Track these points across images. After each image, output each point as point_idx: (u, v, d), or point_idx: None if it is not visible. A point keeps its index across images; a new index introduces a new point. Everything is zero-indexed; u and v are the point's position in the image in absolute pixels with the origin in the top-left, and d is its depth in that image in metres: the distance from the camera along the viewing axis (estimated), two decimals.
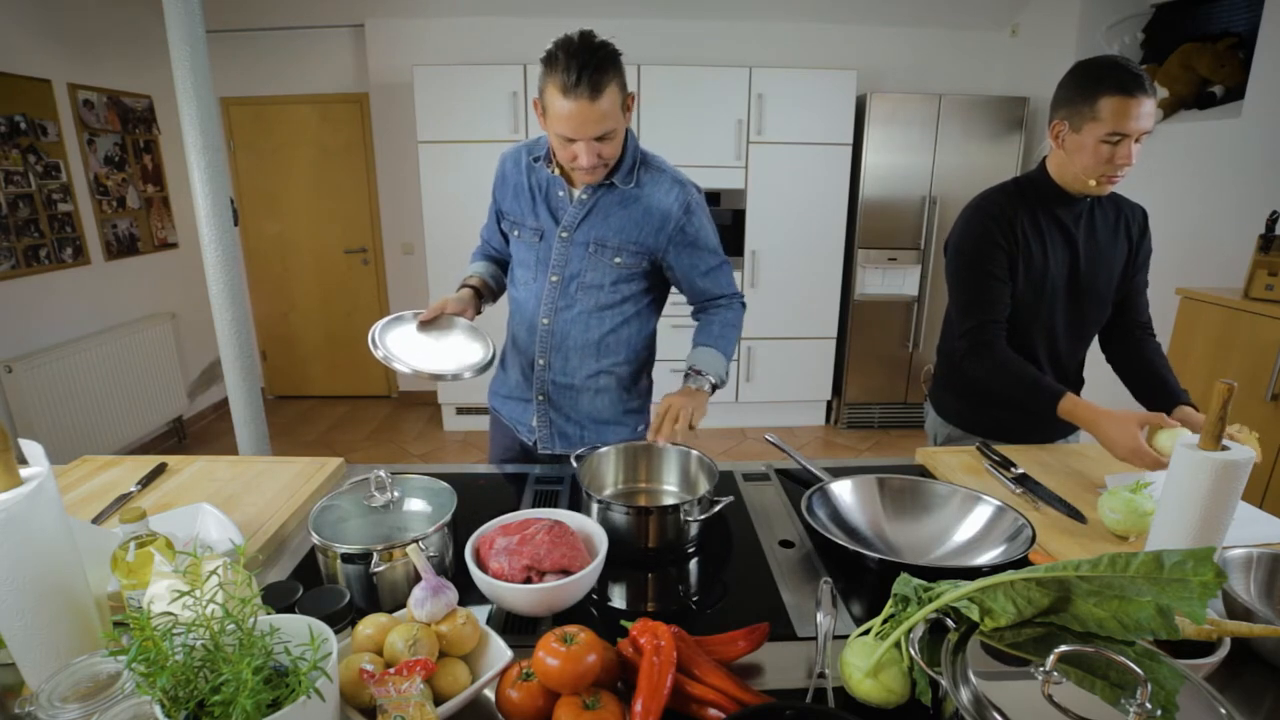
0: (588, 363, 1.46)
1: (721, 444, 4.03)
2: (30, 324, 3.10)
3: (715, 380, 1.41)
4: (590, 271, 1.39)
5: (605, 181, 1.35)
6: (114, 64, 3.59)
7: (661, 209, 1.37)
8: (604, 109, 1.18)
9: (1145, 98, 1.28)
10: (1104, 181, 1.37)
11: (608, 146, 1.25)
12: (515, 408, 1.55)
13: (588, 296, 1.41)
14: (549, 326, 1.43)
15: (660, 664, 0.71)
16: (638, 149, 1.38)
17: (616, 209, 1.37)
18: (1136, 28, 3.49)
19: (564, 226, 1.38)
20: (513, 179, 1.44)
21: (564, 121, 1.19)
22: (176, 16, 2.15)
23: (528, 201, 1.41)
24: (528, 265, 1.44)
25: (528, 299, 1.45)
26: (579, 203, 1.37)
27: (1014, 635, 0.68)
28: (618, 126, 1.24)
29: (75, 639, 0.74)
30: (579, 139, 1.21)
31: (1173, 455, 0.91)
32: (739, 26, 4.02)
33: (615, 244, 1.38)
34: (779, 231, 3.88)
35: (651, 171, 1.39)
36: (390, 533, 0.94)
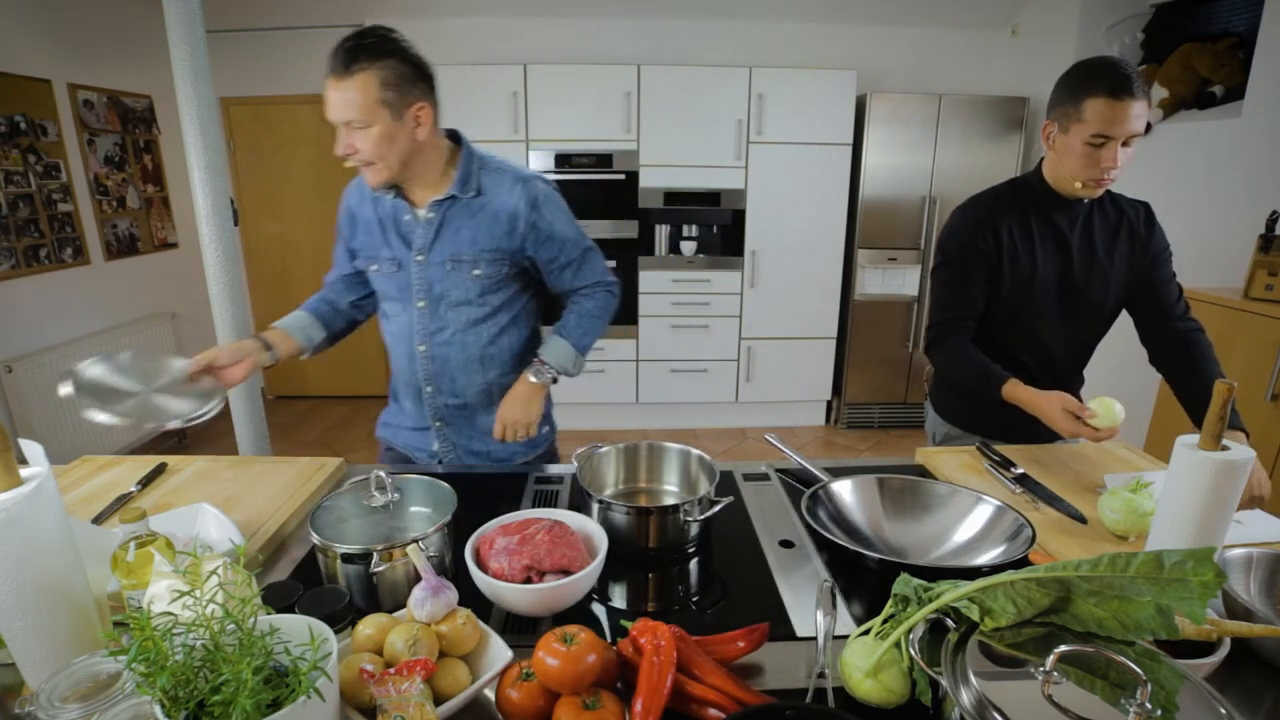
0: (474, 379, 1.44)
1: (721, 444, 4.03)
2: (30, 324, 3.10)
3: (557, 373, 1.43)
4: (455, 290, 1.36)
5: (445, 196, 1.32)
6: (114, 64, 3.59)
7: (508, 209, 1.34)
8: (346, 95, 1.16)
9: (1132, 101, 1.26)
10: (1091, 185, 1.36)
11: (361, 140, 1.20)
12: (412, 437, 1.51)
13: (458, 314, 1.38)
14: (427, 352, 1.41)
15: (660, 664, 0.71)
16: (472, 156, 1.35)
17: (465, 221, 1.34)
18: (1136, 28, 3.49)
19: (418, 250, 1.35)
20: (359, 214, 1.41)
21: (326, 103, 1.19)
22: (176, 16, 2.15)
23: (378, 233, 1.38)
24: (393, 297, 1.41)
25: (401, 329, 1.42)
26: (426, 223, 1.34)
27: (1014, 635, 0.68)
28: (371, 122, 1.18)
29: (75, 639, 0.74)
30: (332, 121, 1.19)
31: (1173, 455, 0.91)
32: (739, 26, 4.02)
33: (471, 256, 1.35)
34: (779, 231, 3.88)
35: (492, 174, 1.35)
36: (390, 533, 0.94)
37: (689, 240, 3.89)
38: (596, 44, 4.00)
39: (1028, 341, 1.52)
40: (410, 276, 1.37)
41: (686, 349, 4.02)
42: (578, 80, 3.61)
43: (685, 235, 3.89)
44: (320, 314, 1.47)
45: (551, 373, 1.42)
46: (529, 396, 1.41)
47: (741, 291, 3.95)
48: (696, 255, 3.91)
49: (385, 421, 1.57)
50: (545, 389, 1.44)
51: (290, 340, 1.40)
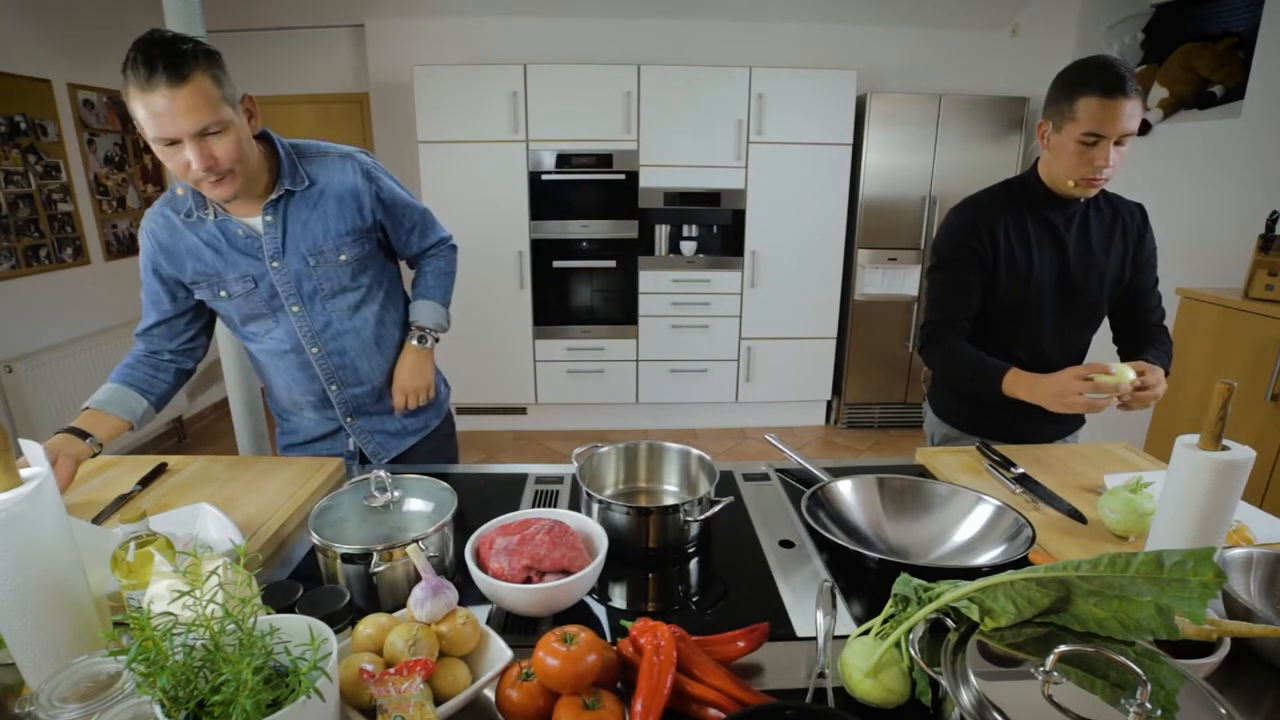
0: (376, 361, 1.44)
1: (721, 444, 4.03)
2: (30, 324, 3.10)
3: (436, 333, 1.48)
4: (326, 282, 1.33)
5: (279, 195, 1.26)
6: (114, 64, 3.55)
7: (348, 188, 1.32)
8: (192, 100, 1.05)
9: (1124, 99, 1.26)
10: (1083, 184, 1.36)
11: (219, 145, 1.11)
12: (322, 446, 1.48)
13: (338, 304, 1.36)
14: (321, 351, 1.38)
15: (660, 664, 0.71)
16: (289, 147, 1.29)
17: (308, 212, 1.29)
18: (1136, 28, 3.49)
19: (270, 257, 1.28)
20: (175, 246, 1.28)
21: (154, 120, 1.06)
22: (176, 16, 2.15)
23: (213, 257, 1.27)
24: (258, 315, 1.33)
25: (282, 342, 1.36)
26: (267, 227, 1.27)
27: (1014, 635, 0.68)
28: (225, 122, 1.10)
29: (75, 639, 0.74)
30: (177, 136, 1.07)
31: (1172, 455, 0.91)
32: (739, 26, 4.02)
33: (332, 244, 1.31)
34: (779, 231, 3.88)
35: (314, 160, 1.31)
36: (390, 533, 0.94)
37: (689, 240, 3.89)
38: (596, 44, 4.00)
39: (1024, 342, 1.52)
40: (273, 286, 1.30)
41: (686, 349, 4.02)
42: (578, 80, 3.61)
43: (685, 235, 3.89)
44: (136, 380, 1.32)
45: (431, 335, 1.47)
46: (418, 362, 1.46)
47: (741, 291, 3.95)
48: (696, 255, 3.91)
49: (289, 444, 1.51)
50: (430, 352, 1.48)
51: (108, 419, 1.25)
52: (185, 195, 1.27)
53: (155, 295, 1.33)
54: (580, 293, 3.97)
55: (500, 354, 4.00)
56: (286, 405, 1.47)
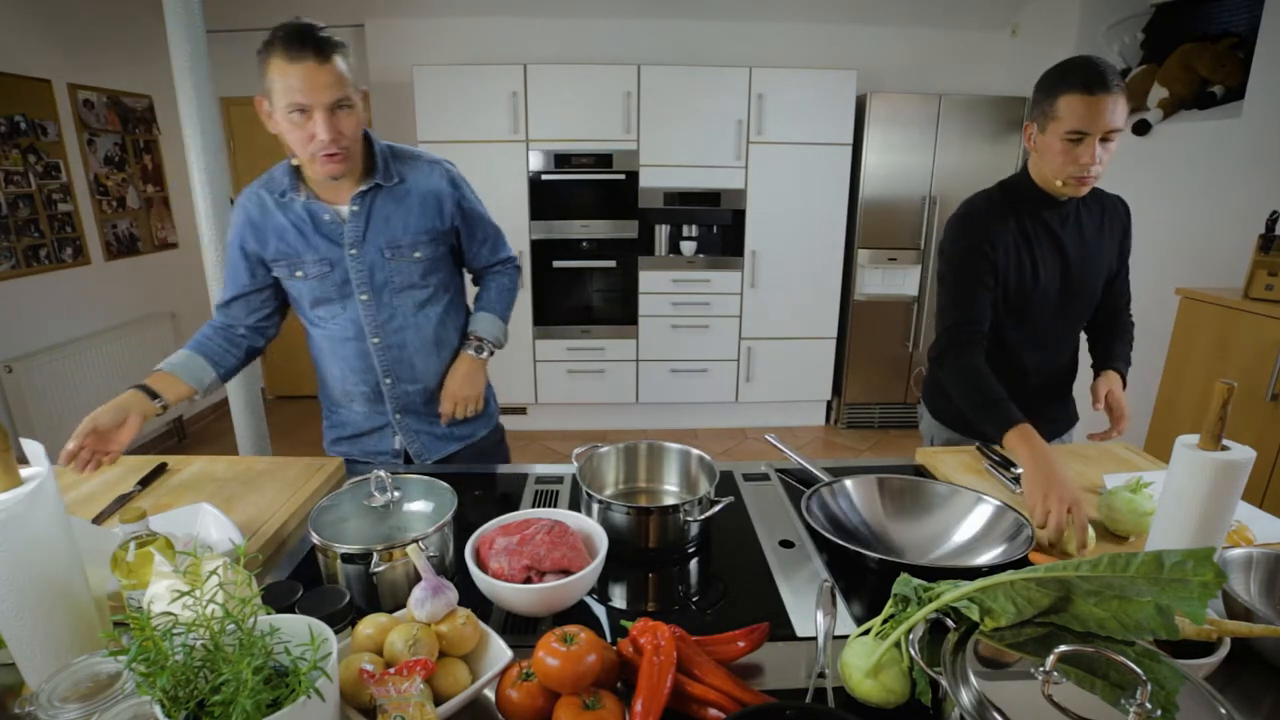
0: (433, 361, 1.46)
1: (721, 444, 4.03)
2: (30, 324, 3.10)
3: (494, 346, 1.51)
4: (397, 276, 1.37)
5: (369, 186, 1.32)
6: (114, 64, 3.59)
7: (433, 191, 1.38)
8: (335, 73, 1.16)
9: (1106, 95, 1.25)
10: (1071, 183, 1.35)
11: (346, 121, 1.20)
12: (369, 442, 1.50)
13: (406, 299, 1.40)
14: (382, 343, 1.40)
15: (660, 664, 0.71)
16: (384, 146, 1.36)
17: (392, 208, 1.35)
18: (1136, 28, 3.49)
19: (350, 244, 1.33)
20: (266, 223, 1.34)
21: (294, 89, 1.15)
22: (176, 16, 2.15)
23: (296, 238, 1.33)
24: (328, 299, 1.37)
25: (343, 328, 1.39)
26: (352, 216, 1.33)
27: (1014, 635, 0.68)
28: (354, 99, 1.22)
29: (75, 639, 0.74)
30: (313, 105, 1.16)
31: (1172, 455, 0.91)
32: (739, 26, 4.02)
33: (408, 241, 1.36)
34: (779, 231, 3.88)
35: (405, 161, 1.38)
36: (390, 533, 0.94)
37: (689, 240, 3.89)
38: (596, 44, 3.99)
39: (1028, 341, 1.52)
40: (346, 272, 1.35)
41: (686, 349, 4.02)
42: (578, 80, 3.61)
43: (685, 235, 3.89)
44: (209, 351, 1.37)
45: (489, 346, 1.49)
46: (472, 371, 1.47)
47: (741, 291, 3.95)
48: (696, 255, 3.91)
49: (336, 438, 1.52)
50: (485, 363, 1.50)
51: (177, 384, 1.29)
52: (282, 177, 1.33)
53: (237, 270, 1.39)
54: (580, 293, 3.96)
55: (500, 354, 4.00)
56: (338, 396, 1.49)
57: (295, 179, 1.32)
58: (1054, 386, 1.59)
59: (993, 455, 1.38)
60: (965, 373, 1.39)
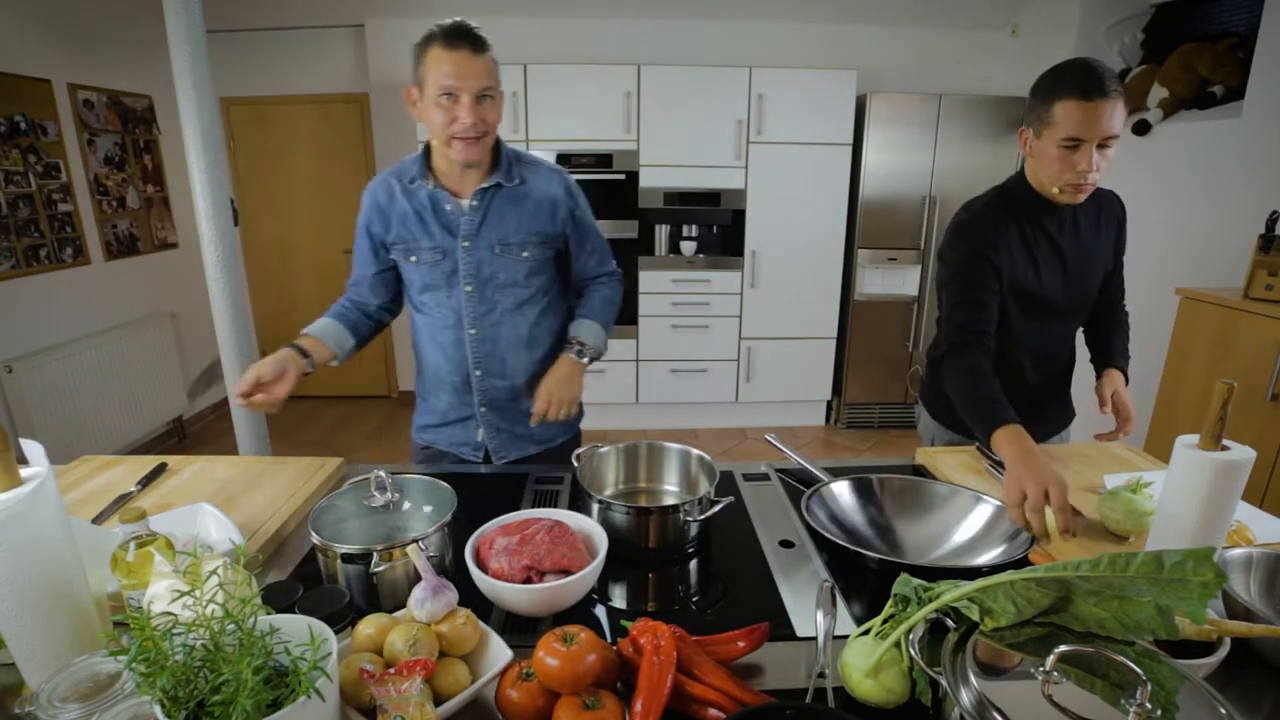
0: (523, 359, 1.48)
1: (721, 444, 4.03)
2: (30, 324, 3.10)
3: (595, 354, 1.49)
4: (502, 272, 1.41)
5: (491, 184, 1.37)
6: (114, 64, 3.59)
7: (549, 197, 1.43)
8: (485, 65, 1.25)
9: (1104, 101, 1.21)
10: (1068, 190, 1.32)
11: (489, 111, 1.28)
12: (453, 431, 1.52)
13: (507, 296, 1.43)
14: (478, 334, 1.43)
15: (660, 664, 0.71)
16: (509, 149, 1.42)
17: (509, 207, 1.40)
18: (1136, 28, 3.49)
19: (464, 236, 1.38)
20: (392, 208, 1.42)
21: (445, 73, 1.24)
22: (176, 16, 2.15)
23: (416, 224, 1.40)
24: (436, 285, 1.42)
25: (445, 316, 1.44)
26: (471, 210, 1.38)
27: (1014, 635, 0.68)
28: (497, 94, 1.30)
29: (75, 639, 0.74)
30: (461, 91, 1.24)
31: (1172, 455, 0.91)
32: (739, 26, 4.02)
33: (519, 240, 1.41)
34: (779, 231, 3.88)
35: (528, 165, 1.44)
36: (390, 533, 0.94)
37: (689, 240, 3.89)
38: (596, 44, 3.99)
39: (1028, 344, 1.51)
40: (456, 262, 1.40)
41: (686, 349, 4.02)
42: (578, 80, 3.61)
43: (685, 235, 3.89)
44: (349, 320, 1.47)
45: (590, 352, 1.48)
46: (571, 374, 1.45)
47: (741, 291, 3.95)
48: (696, 255, 3.91)
49: (424, 424, 1.56)
50: (584, 368, 1.48)
51: (324, 347, 1.39)
52: (412, 165, 1.41)
53: (363, 253, 1.48)
54: None
55: None
56: (431, 383, 1.53)
57: (424, 167, 1.38)
58: (1052, 386, 1.58)
59: (993, 455, 1.38)
60: (966, 373, 1.35)
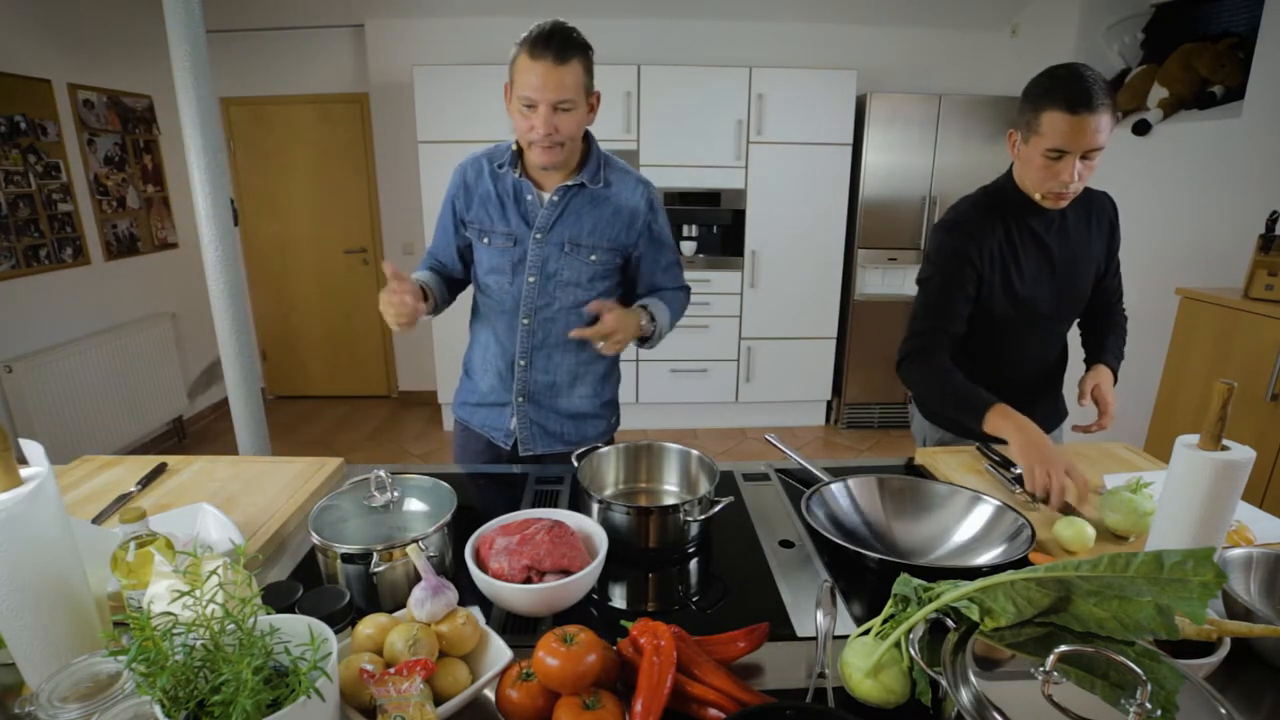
0: (569, 359, 1.48)
1: (721, 444, 4.03)
2: (30, 324, 3.10)
3: (656, 332, 1.46)
4: (567, 270, 1.42)
5: (575, 183, 1.38)
6: (114, 64, 3.59)
7: (630, 207, 1.42)
8: (566, 77, 1.25)
9: (1090, 115, 1.21)
10: (1051, 197, 1.33)
11: (566, 121, 1.28)
12: (488, 414, 1.54)
13: (566, 294, 1.43)
14: (530, 326, 1.44)
15: (660, 664, 0.71)
16: (601, 152, 1.43)
17: (587, 209, 1.40)
18: (1136, 28, 3.49)
19: (537, 228, 1.40)
20: (477, 187, 1.44)
21: (526, 82, 1.25)
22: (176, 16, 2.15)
23: (496, 208, 1.42)
24: (502, 270, 1.44)
25: (504, 301, 1.45)
26: (550, 204, 1.39)
27: (1014, 635, 0.68)
28: (579, 103, 1.29)
29: (75, 639, 0.74)
30: (539, 102, 1.25)
31: (1172, 455, 0.91)
32: (739, 26, 4.02)
33: (590, 243, 1.41)
34: (779, 231, 3.88)
35: (616, 172, 1.44)
36: (390, 533, 0.94)
37: (689, 240, 3.89)
38: (597, 44, 3.96)
39: (1017, 344, 1.51)
40: (525, 252, 1.41)
41: (686, 349, 4.02)
42: None
43: (685, 235, 3.89)
44: (443, 279, 1.52)
45: (653, 328, 1.44)
46: (633, 322, 1.38)
47: (741, 291, 3.95)
48: (696, 255, 3.91)
49: (463, 400, 1.60)
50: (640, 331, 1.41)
51: (428, 293, 1.41)
52: (505, 150, 1.43)
53: (445, 225, 1.51)
54: None
55: None
56: (478, 362, 1.55)
57: (517, 155, 1.40)
58: (1043, 385, 1.58)
59: (993, 455, 1.38)
60: (935, 372, 1.39)
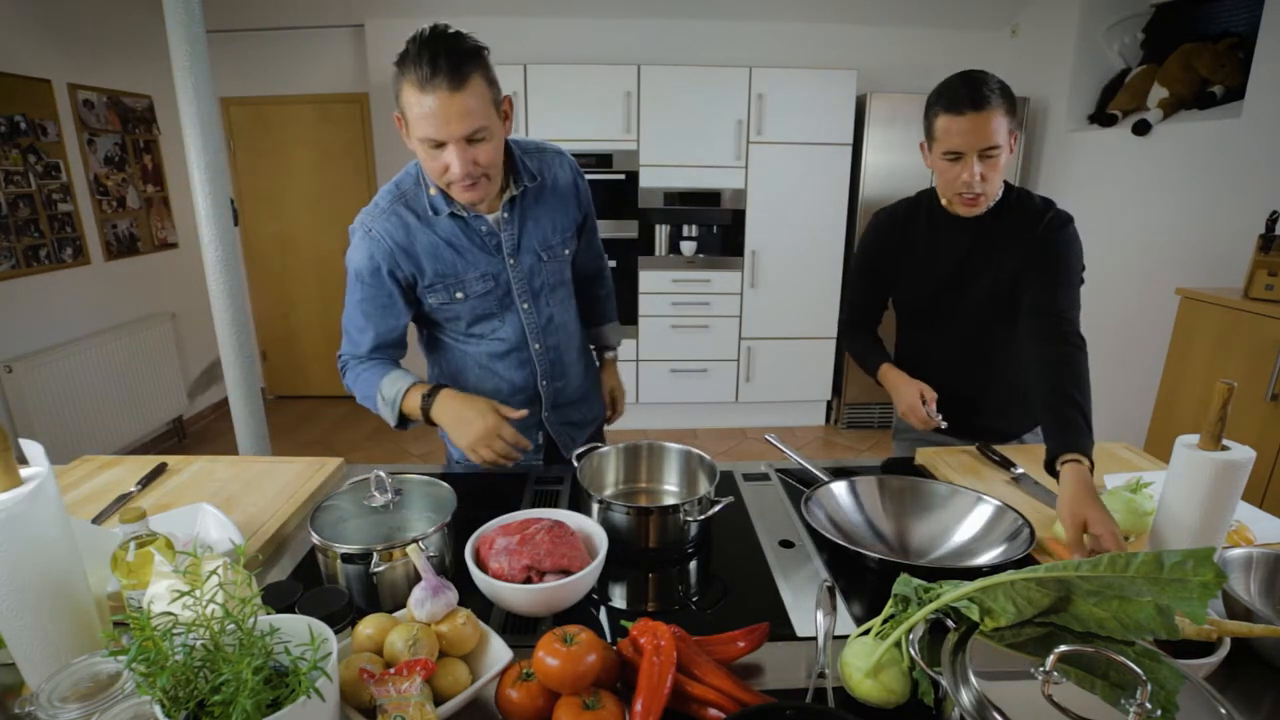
0: (574, 352, 1.49)
1: (721, 444, 4.03)
2: (30, 324, 3.10)
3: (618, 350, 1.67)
4: (551, 276, 1.36)
5: (518, 190, 1.25)
6: (114, 64, 3.59)
7: (566, 183, 1.34)
8: (469, 104, 1.04)
9: (974, 114, 1.21)
10: (959, 201, 1.34)
11: (483, 151, 1.10)
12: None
13: (557, 296, 1.39)
14: (542, 348, 1.39)
15: (660, 664, 0.71)
16: (516, 146, 1.27)
17: (536, 207, 1.30)
18: (1136, 28, 3.49)
19: (508, 254, 1.28)
20: (415, 247, 1.22)
21: (425, 120, 1.05)
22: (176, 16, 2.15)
23: (453, 256, 1.24)
24: (489, 314, 1.31)
25: (506, 341, 1.35)
26: (504, 223, 1.26)
27: (1014, 635, 0.68)
28: (491, 127, 1.09)
29: (75, 639, 0.74)
30: (446, 139, 1.06)
31: (1173, 455, 0.91)
32: (739, 26, 4.02)
33: (559, 238, 1.34)
34: (779, 231, 3.88)
35: (534, 156, 1.30)
36: (390, 533, 0.94)
37: (689, 240, 3.89)
38: (596, 44, 3.99)
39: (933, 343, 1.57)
40: (509, 283, 1.30)
41: (686, 349, 4.02)
42: (578, 80, 3.61)
43: (685, 235, 3.89)
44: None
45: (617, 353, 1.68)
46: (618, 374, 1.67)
47: (741, 291, 3.95)
48: (696, 255, 3.91)
49: None
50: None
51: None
52: (419, 190, 1.22)
53: (383, 304, 1.24)
54: None
55: None
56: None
57: (444, 195, 1.20)
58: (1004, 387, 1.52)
59: (993, 455, 1.38)
60: (852, 343, 1.69)
